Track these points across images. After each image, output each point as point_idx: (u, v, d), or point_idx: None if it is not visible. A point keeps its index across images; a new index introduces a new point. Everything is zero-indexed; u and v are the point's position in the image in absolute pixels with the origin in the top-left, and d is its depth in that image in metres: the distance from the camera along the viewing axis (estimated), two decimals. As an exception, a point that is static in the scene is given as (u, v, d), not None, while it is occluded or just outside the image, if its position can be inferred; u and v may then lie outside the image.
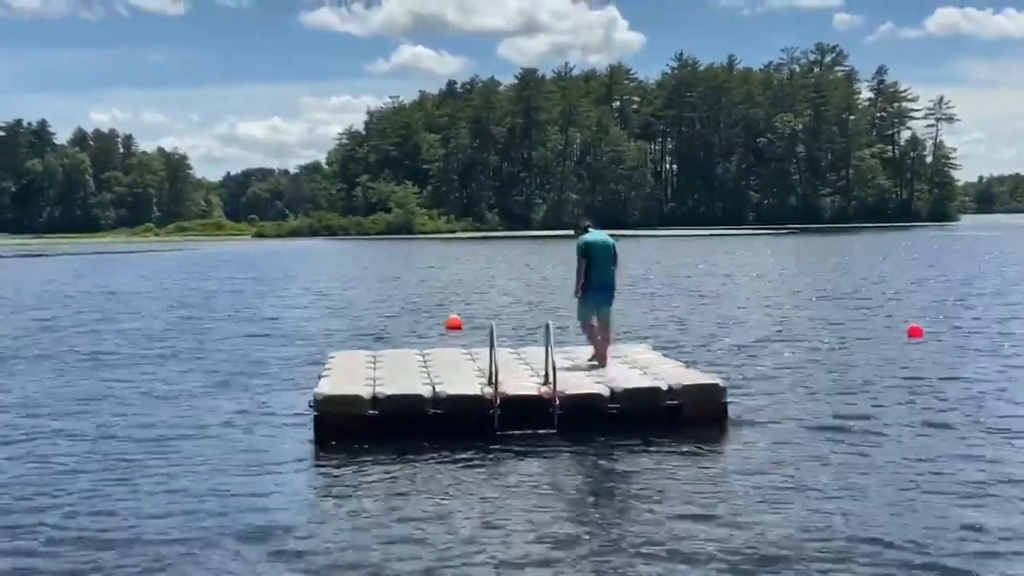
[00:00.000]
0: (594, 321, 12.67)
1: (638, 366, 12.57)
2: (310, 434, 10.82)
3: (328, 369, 12.50)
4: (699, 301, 26.93)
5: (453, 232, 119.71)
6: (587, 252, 12.54)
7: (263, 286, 36.62)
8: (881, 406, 12.00)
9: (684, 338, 18.83)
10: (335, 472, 9.49)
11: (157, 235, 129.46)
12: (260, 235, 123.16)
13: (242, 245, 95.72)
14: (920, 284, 31.45)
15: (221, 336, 20.51)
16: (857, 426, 10.93)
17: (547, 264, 47.76)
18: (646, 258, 52.98)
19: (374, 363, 12.97)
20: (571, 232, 13.66)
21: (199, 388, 14.07)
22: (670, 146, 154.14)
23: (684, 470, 9.28)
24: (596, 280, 12.55)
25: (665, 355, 14.01)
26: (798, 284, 32.84)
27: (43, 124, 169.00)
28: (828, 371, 14.77)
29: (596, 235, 12.74)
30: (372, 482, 9.08)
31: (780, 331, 19.89)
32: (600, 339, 12.64)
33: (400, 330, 21.13)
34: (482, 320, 22.19)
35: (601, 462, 9.63)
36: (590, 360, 12.67)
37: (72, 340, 20.17)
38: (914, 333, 18.28)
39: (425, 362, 13.04)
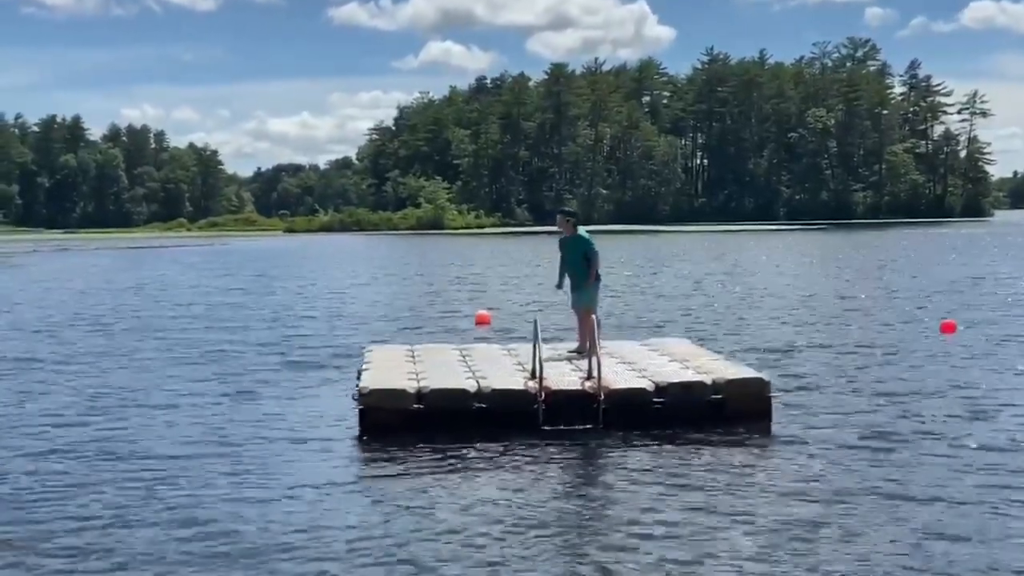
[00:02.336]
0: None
1: (677, 359, 12.54)
2: (353, 428, 10.84)
3: (368, 363, 12.44)
4: (734, 296, 26.80)
5: (483, 227, 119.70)
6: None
7: (292, 282, 36.63)
8: (917, 403, 11.92)
9: (719, 333, 18.75)
10: (381, 466, 9.48)
11: (189, 230, 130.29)
12: (291, 230, 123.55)
13: (273, 240, 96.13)
14: (954, 279, 31.13)
15: (252, 333, 20.27)
16: (895, 423, 10.89)
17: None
18: (679, 254, 52.78)
19: (412, 357, 12.95)
20: (562, 224, 13.09)
21: (234, 387, 13.81)
22: (700, 141, 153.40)
23: (729, 469, 9.20)
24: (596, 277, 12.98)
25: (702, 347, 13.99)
26: (831, 279, 32.60)
27: (77, 120, 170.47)
28: (865, 366, 14.71)
29: None
30: (418, 477, 9.05)
31: (816, 326, 19.83)
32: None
33: (430, 325, 21.08)
34: (510, 315, 22.22)
35: (648, 459, 9.57)
36: (572, 351, 12.87)
37: (102, 340, 19.71)
38: (946, 329, 18.19)
39: (464, 357, 13.02)
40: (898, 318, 21.08)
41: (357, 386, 12.00)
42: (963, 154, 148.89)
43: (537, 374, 10.85)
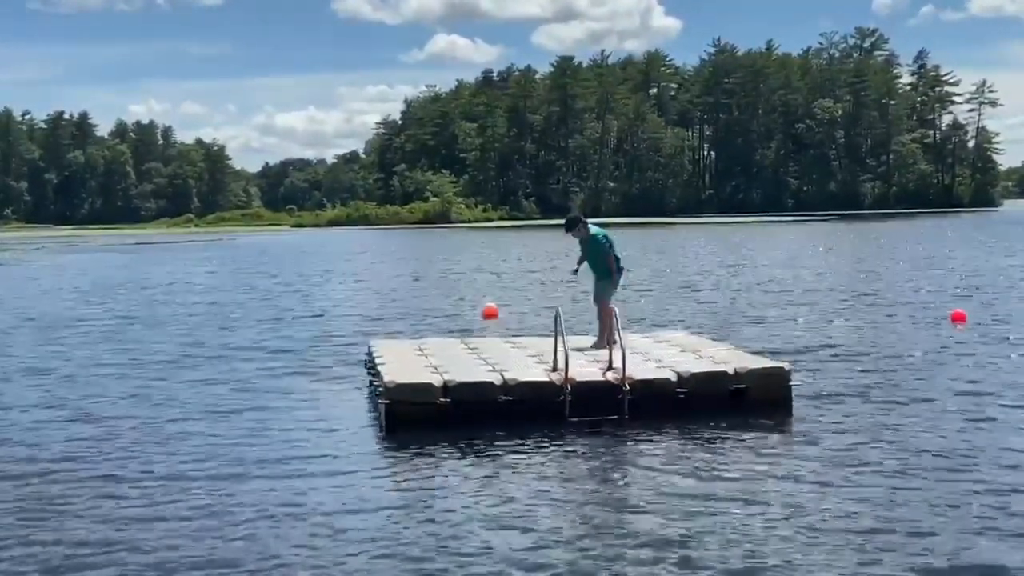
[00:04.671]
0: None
1: (688, 349, 12.65)
2: (372, 422, 10.91)
3: (380, 359, 12.18)
4: (736, 288, 26.85)
5: (490, 220, 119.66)
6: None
7: (295, 278, 36.30)
8: (935, 392, 12.01)
9: (719, 324, 18.88)
10: (412, 461, 9.48)
11: (197, 226, 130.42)
12: (298, 225, 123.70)
13: (280, 235, 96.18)
14: (963, 269, 31.13)
15: (252, 331, 19.62)
16: (911, 410, 11.02)
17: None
18: (684, 246, 52.78)
19: (421, 351, 12.86)
20: (572, 225, 13.32)
21: (243, 387, 13.39)
22: (708, 133, 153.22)
23: (755, 457, 9.30)
24: (618, 267, 13.14)
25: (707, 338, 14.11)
26: (835, 270, 32.59)
27: (84, 116, 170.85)
28: (871, 354, 14.89)
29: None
30: (451, 471, 9.08)
31: (821, 316, 19.96)
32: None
33: (430, 319, 21.02)
34: (514, 309, 22.23)
35: (676, 450, 9.66)
36: (598, 344, 12.85)
37: (110, 342, 18.58)
38: (957, 318, 18.28)
39: (473, 350, 13.00)
40: (908, 308, 21.14)
41: (372, 382, 11.92)
42: (971, 144, 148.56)
43: (559, 366, 10.95)
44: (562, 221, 13.77)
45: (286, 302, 26.02)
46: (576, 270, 13.62)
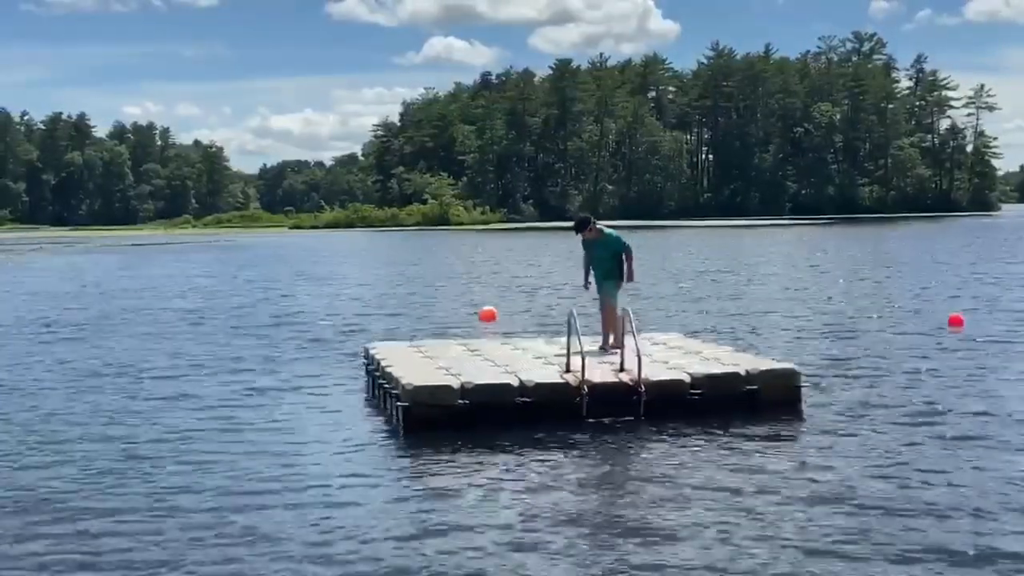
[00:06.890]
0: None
1: (691, 352, 12.77)
2: (384, 425, 10.96)
3: (385, 360, 12.07)
4: (737, 289, 26.93)
5: (488, 223, 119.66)
6: None
7: (284, 281, 36.18)
8: (934, 392, 12.19)
9: (711, 323, 19.06)
10: (433, 463, 9.51)
11: (195, 227, 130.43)
12: (296, 227, 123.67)
13: (277, 237, 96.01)
14: (962, 273, 31.21)
15: (241, 336, 19.28)
16: (914, 414, 11.11)
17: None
18: (681, 249, 52.85)
19: (422, 354, 12.82)
20: (583, 225, 13.18)
21: (244, 391, 13.27)
22: (706, 136, 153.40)
23: (768, 459, 9.41)
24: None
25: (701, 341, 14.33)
26: (835, 274, 32.65)
27: (82, 117, 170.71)
28: (871, 356, 15.03)
29: None
30: (473, 472, 9.11)
31: (811, 318, 20.10)
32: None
33: (426, 320, 21.05)
34: (507, 312, 22.27)
35: (693, 451, 9.74)
36: (602, 346, 12.76)
37: (105, 345, 18.41)
38: (955, 322, 18.36)
39: (474, 352, 12.99)
40: (905, 311, 21.27)
41: (382, 385, 11.82)
42: (969, 148, 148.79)
43: (572, 367, 11.07)
44: (565, 224, 13.68)
45: (281, 305, 25.87)
46: (587, 284, 13.26)
